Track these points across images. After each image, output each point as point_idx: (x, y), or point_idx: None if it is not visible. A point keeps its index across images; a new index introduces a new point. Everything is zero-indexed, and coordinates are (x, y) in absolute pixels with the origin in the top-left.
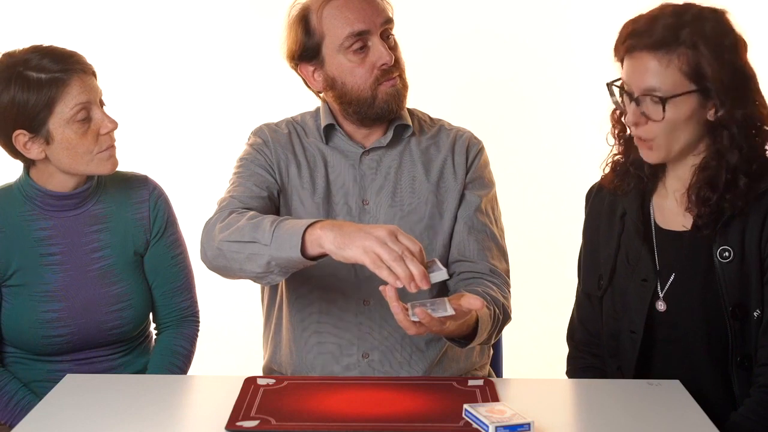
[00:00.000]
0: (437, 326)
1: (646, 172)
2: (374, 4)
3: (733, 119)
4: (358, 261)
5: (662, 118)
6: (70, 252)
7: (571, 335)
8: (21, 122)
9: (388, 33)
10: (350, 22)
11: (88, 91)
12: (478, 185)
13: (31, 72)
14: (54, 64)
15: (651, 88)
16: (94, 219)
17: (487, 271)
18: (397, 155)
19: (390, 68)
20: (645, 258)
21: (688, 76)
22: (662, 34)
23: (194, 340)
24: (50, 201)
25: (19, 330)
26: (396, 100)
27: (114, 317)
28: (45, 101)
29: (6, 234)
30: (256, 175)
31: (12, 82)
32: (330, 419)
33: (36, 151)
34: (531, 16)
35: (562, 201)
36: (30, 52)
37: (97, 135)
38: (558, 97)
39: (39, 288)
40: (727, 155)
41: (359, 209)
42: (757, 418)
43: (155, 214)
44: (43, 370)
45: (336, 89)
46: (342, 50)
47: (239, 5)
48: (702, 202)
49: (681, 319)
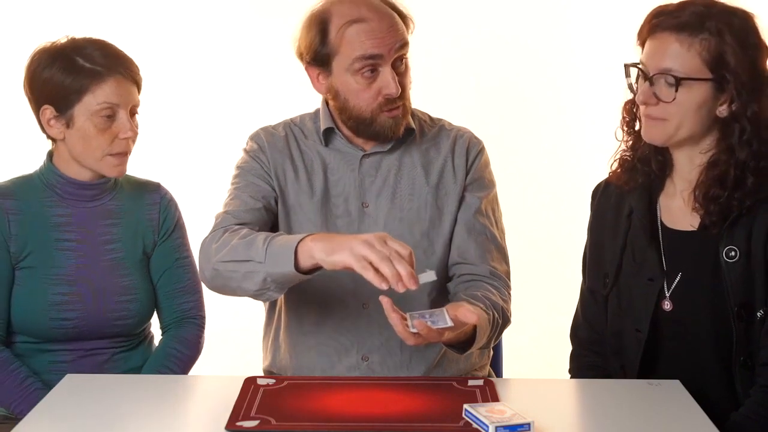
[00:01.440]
0: (436, 338)
1: (654, 168)
2: (395, 29)
3: (746, 114)
4: (347, 264)
5: (673, 99)
6: (84, 240)
7: (575, 333)
8: (52, 99)
9: (402, 59)
10: (365, 46)
11: (122, 95)
12: (478, 186)
13: (79, 58)
14: (101, 58)
15: (667, 69)
16: (108, 213)
17: (488, 274)
18: (397, 158)
19: (394, 99)
20: (651, 257)
21: (707, 63)
22: (689, 18)
23: (195, 344)
24: (70, 189)
25: (28, 312)
26: (394, 128)
27: (121, 307)
28: (78, 87)
29: (24, 217)
30: (251, 185)
31: (58, 60)
32: (330, 419)
33: (57, 130)
34: (532, 17)
35: (562, 201)
36: (89, 41)
37: (114, 137)
38: (558, 97)
39: (51, 271)
40: (737, 151)
41: (359, 212)
42: (757, 417)
43: (164, 217)
44: (45, 361)
45: (338, 101)
46: (351, 71)
47: (249, 8)
48: (711, 200)
49: (687, 318)
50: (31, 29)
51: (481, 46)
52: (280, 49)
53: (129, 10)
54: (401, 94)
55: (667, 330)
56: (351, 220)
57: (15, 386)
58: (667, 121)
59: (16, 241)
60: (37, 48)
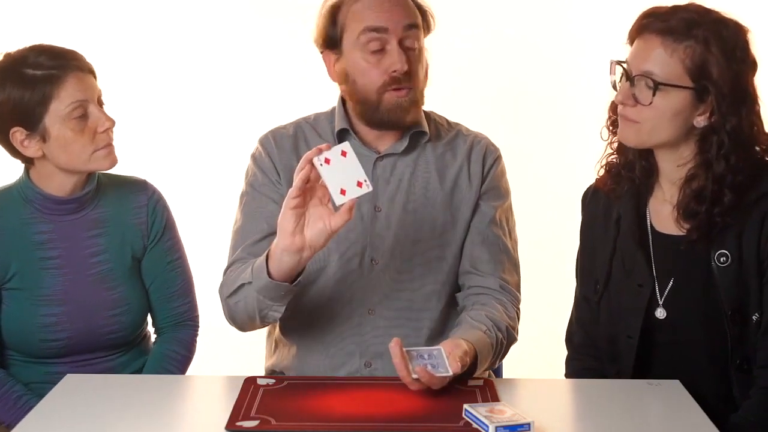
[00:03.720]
0: (438, 384)
1: (638, 174)
2: (402, 6)
3: (725, 127)
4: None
5: (650, 102)
6: (68, 256)
7: (570, 338)
8: (17, 119)
9: (412, 40)
10: (370, 17)
11: (85, 89)
12: (494, 195)
13: (27, 69)
14: (49, 61)
15: (648, 72)
16: (93, 223)
17: (497, 287)
18: (412, 161)
19: (400, 78)
20: (641, 263)
21: (689, 71)
22: (677, 24)
23: (191, 345)
24: (49, 205)
25: (17, 333)
26: (400, 113)
27: (112, 322)
28: (40, 98)
29: (5, 237)
30: (257, 212)
31: (8, 79)
32: (330, 419)
33: (33, 149)
34: (544, 20)
35: (562, 201)
36: (28, 50)
37: (94, 133)
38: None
39: (38, 292)
40: (714, 165)
41: (371, 216)
42: (756, 419)
43: (153, 219)
44: (40, 372)
45: (348, 84)
46: (359, 46)
47: (243, 5)
48: (691, 216)
49: (680, 323)
50: (32, 29)
51: (494, 49)
52: (281, 49)
53: (131, 10)
54: (410, 78)
55: (661, 335)
56: (363, 224)
57: (9, 406)
58: (641, 124)
59: None
60: None
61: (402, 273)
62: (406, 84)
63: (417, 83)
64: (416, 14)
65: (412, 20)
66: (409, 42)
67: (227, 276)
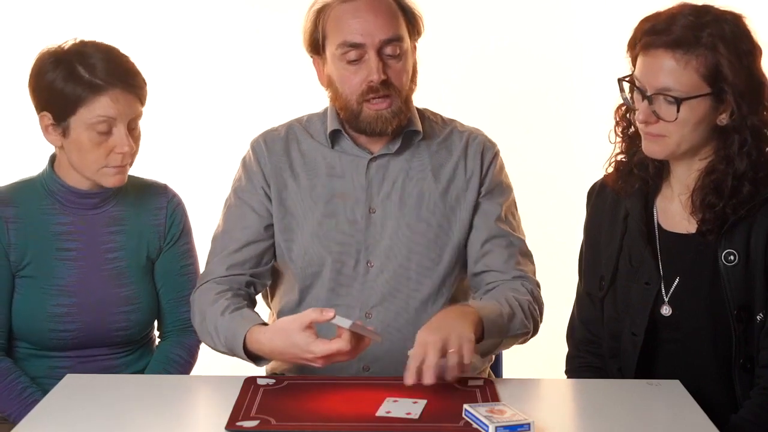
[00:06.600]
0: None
1: (651, 173)
2: (381, 18)
3: (746, 124)
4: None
5: (675, 118)
6: (86, 249)
7: (571, 334)
8: (50, 105)
9: (393, 47)
10: (347, 32)
11: (119, 108)
12: (497, 193)
13: (80, 66)
14: (103, 71)
15: (666, 88)
16: (112, 220)
17: (516, 277)
18: (406, 161)
19: (377, 87)
20: (648, 261)
21: (704, 78)
22: (682, 34)
23: (194, 351)
24: (71, 198)
25: (28, 321)
26: (382, 124)
27: (121, 318)
28: (74, 98)
29: (24, 225)
30: (237, 221)
31: (60, 66)
32: (330, 419)
33: (54, 137)
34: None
35: (561, 201)
36: (96, 48)
37: (110, 151)
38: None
39: (51, 282)
40: (736, 161)
41: (365, 218)
42: (757, 420)
43: (171, 222)
44: (45, 366)
45: (333, 91)
46: (337, 56)
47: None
48: (706, 208)
49: (685, 321)
50: (33, 29)
51: (494, 51)
52: (287, 49)
53: (134, 10)
54: (389, 86)
55: (665, 333)
56: (357, 226)
57: (14, 397)
58: (667, 138)
59: (15, 250)
60: (43, 50)
61: (398, 275)
62: (385, 92)
63: (399, 90)
64: (397, 24)
65: (391, 34)
66: (390, 50)
67: (200, 296)
